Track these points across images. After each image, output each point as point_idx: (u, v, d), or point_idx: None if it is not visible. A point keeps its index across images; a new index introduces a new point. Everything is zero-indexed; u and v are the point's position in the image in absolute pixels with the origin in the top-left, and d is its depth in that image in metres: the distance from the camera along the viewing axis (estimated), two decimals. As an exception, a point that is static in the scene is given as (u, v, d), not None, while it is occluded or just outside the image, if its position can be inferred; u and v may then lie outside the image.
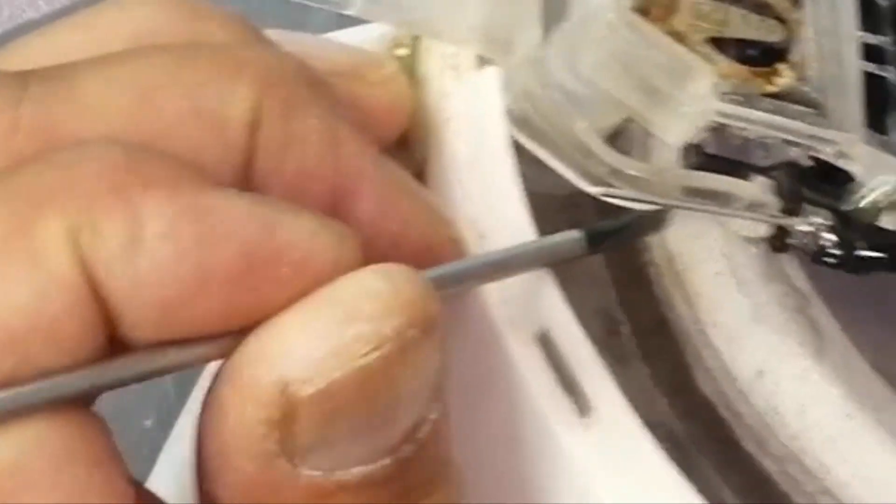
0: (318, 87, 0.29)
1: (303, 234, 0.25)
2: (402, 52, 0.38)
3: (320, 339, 0.24)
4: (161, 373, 0.25)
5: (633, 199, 0.33)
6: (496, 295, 0.32)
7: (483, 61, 0.36)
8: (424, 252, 0.30)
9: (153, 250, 0.24)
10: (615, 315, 0.37)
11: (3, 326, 0.23)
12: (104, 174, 0.24)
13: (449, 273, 0.28)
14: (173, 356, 0.25)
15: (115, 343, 0.25)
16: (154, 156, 0.25)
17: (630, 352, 0.36)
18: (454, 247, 0.31)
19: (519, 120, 0.34)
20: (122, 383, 0.25)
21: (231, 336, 0.25)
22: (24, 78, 0.26)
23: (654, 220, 0.32)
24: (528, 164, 0.34)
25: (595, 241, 0.31)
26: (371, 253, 0.27)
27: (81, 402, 0.25)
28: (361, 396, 0.25)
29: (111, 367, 0.25)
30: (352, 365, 0.24)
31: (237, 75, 0.27)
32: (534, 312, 0.32)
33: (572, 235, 0.30)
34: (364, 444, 0.26)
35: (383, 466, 0.26)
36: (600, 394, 0.31)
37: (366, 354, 0.24)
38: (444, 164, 0.34)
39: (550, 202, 0.36)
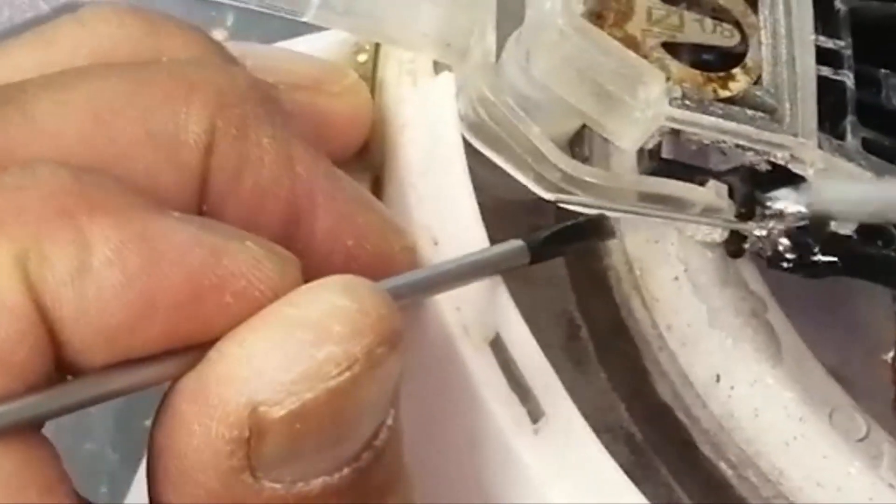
0: (271, 104, 0.29)
1: (247, 262, 0.25)
2: (363, 57, 0.38)
3: (291, 361, 0.25)
4: (109, 397, 0.25)
5: (588, 205, 0.33)
6: (449, 301, 0.32)
7: (440, 67, 0.36)
8: (378, 263, 0.30)
9: (100, 277, 0.24)
10: (575, 319, 0.37)
11: None
12: (52, 198, 0.24)
13: (399, 286, 0.28)
14: (121, 380, 0.25)
15: (62, 367, 0.25)
16: (102, 180, 0.25)
17: (589, 356, 0.36)
18: (407, 256, 0.31)
19: (474, 126, 0.34)
20: (71, 409, 0.25)
21: (177, 357, 0.25)
22: None
23: (597, 227, 0.32)
24: (491, 169, 0.34)
25: (536, 249, 0.31)
26: (327, 267, 0.28)
27: (30, 428, 0.25)
28: (330, 414, 0.25)
29: (60, 393, 0.25)
30: (323, 386, 0.25)
31: (190, 98, 0.27)
32: (486, 318, 0.32)
33: (515, 245, 0.30)
34: (327, 457, 0.26)
35: (342, 476, 0.26)
36: (551, 399, 0.31)
37: (337, 375, 0.25)
38: (400, 170, 0.34)
39: (515, 207, 0.36)
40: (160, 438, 0.26)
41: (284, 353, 0.25)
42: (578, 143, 0.38)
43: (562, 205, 0.33)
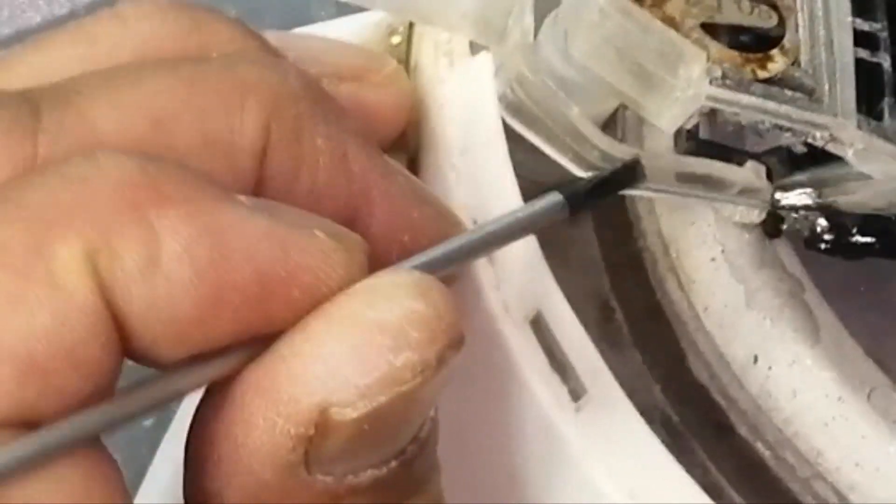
0: (324, 102, 0.28)
1: (316, 256, 0.25)
2: (397, 39, 0.38)
3: (370, 366, 0.24)
4: (177, 396, 0.25)
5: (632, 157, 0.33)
6: (489, 279, 0.32)
7: (477, 48, 0.36)
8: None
9: (170, 271, 0.24)
10: (609, 301, 0.37)
11: (26, 354, 0.23)
12: (119, 191, 0.24)
13: (442, 255, 0.28)
14: (188, 377, 0.25)
15: (131, 358, 0.25)
16: (168, 167, 0.25)
17: (624, 337, 0.37)
18: None
19: (512, 106, 0.34)
20: (140, 415, 0.25)
21: (241, 350, 0.25)
22: (34, 105, 0.26)
23: (630, 173, 0.32)
24: (522, 150, 0.34)
25: (574, 200, 0.30)
26: (384, 263, 0.27)
27: (96, 440, 0.24)
28: (396, 415, 0.25)
29: (131, 398, 0.24)
30: (397, 390, 0.25)
31: (245, 100, 0.27)
32: (527, 296, 0.32)
33: (553, 198, 0.30)
34: (381, 452, 0.26)
35: (390, 468, 0.26)
36: (593, 377, 0.31)
37: (411, 380, 0.25)
38: (438, 150, 0.34)
39: (542, 189, 0.36)
40: (213, 427, 0.26)
41: (363, 358, 0.24)
42: (611, 126, 0.38)
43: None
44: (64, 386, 0.23)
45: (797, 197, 0.33)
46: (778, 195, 0.33)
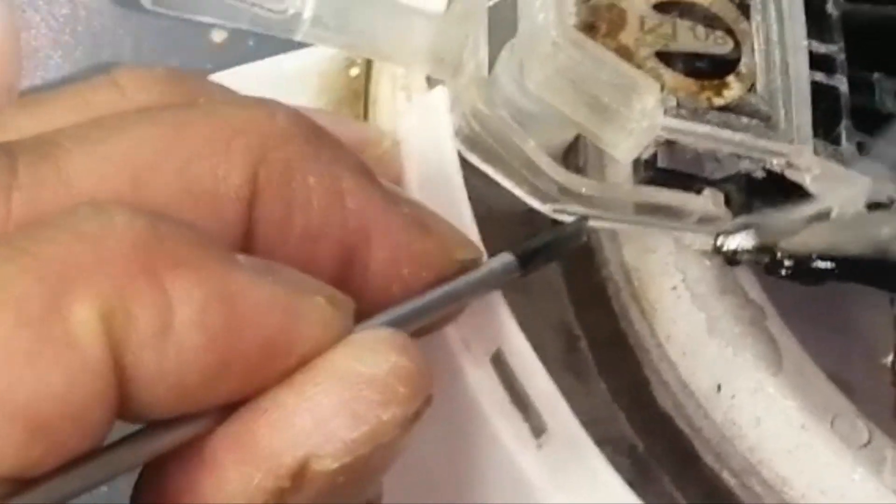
0: (316, 139, 0.28)
1: (318, 325, 0.25)
2: (355, 71, 0.38)
3: (359, 420, 0.25)
4: (156, 454, 0.25)
5: (585, 216, 0.33)
6: (449, 317, 0.32)
7: (434, 81, 0.36)
8: (436, 282, 0.29)
9: (181, 338, 0.24)
10: (573, 330, 0.37)
11: (36, 413, 0.23)
12: (133, 251, 0.24)
13: (400, 317, 0.28)
14: (162, 439, 0.25)
15: (120, 416, 0.24)
16: (177, 228, 0.25)
17: (589, 366, 0.36)
18: (468, 267, 0.30)
19: (468, 140, 0.34)
20: (126, 471, 0.25)
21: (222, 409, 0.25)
22: (11, 158, 0.25)
23: (576, 231, 0.32)
24: (483, 180, 0.34)
25: (526, 259, 0.30)
26: (384, 297, 0.28)
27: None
28: (371, 466, 0.25)
29: (119, 455, 0.24)
30: (380, 443, 0.25)
31: (230, 146, 0.26)
32: (487, 333, 0.32)
33: (505, 259, 0.30)
34: (347, 500, 0.26)
35: None
36: (554, 414, 0.31)
37: (394, 434, 0.25)
38: (397, 184, 0.34)
39: (509, 217, 0.36)
40: (174, 482, 0.25)
41: (353, 412, 0.24)
42: (573, 153, 0.38)
43: (557, 216, 0.33)
44: (67, 445, 0.23)
45: (739, 239, 0.33)
46: (720, 240, 0.33)
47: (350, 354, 0.25)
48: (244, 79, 0.40)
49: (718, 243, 0.33)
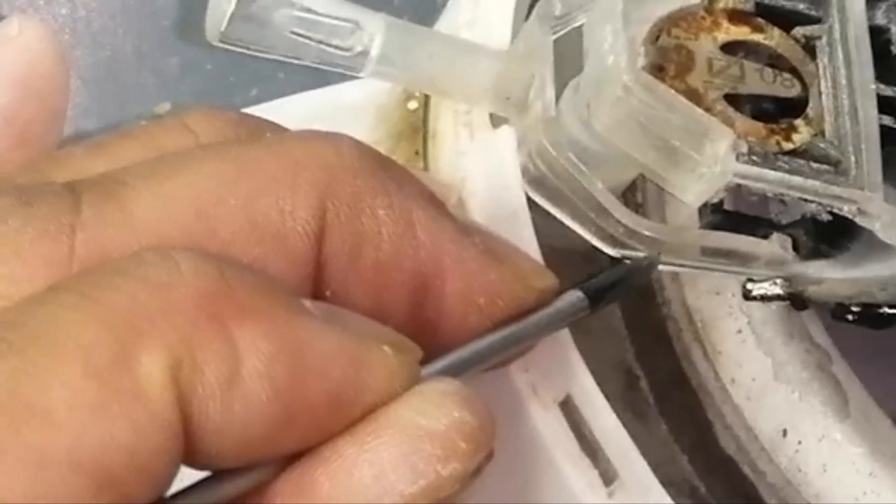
0: (383, 170, 0.27)
1: (382, 376, 0.25)
2: (413, 105, 0.38)
3: (418, 474, 0.24)
4: (220, 501, 0.25)
5: (648, 256, 0.33)
6: (518, 362, 0.31)
7: (496, 118, 0.35)
8: (513, 312, 0.29)
9: (248, 391, 0.23)
10: (634, 369, 0.37)
11: (104, 465, 0.22)
12: (201, 300, 0.23)
13: (466, 358, 0.28)
14: (227, 487, 0.25)
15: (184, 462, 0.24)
16: (244, 274, 0.24)
17: (650, 407, 0.36)
18: (547, 297, 0.30)
19: (535, 180, 0.33)
20: None
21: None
22: (75, 197, 0.25)
23: (644, 268, 0.32)
24: (547, 218, 0.34)
25: (595, 296, 0.30)
26: (460, 328, 0.28)
27: None
28: None
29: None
30: (438, 497, 0.25)
31: (296, 180, 0.26)
32: (555, 378, 0.31)
33: (574, 296, 0.30)
34: None
35: None
36: (624, 461, 0.31)
37: (452, 489, 0.25)
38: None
39: (572, 256, 0.36)
40: None
41: (412, 466, 0.24)
42: (631, 190, 0.38)
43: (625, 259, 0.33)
44: (132, 495, 0.23)
45: (767, 287, 0.33)
46: (749, 286, 0.33)
47: (413, 407, 0.25)
48: (301, 108, 0.40)
49: (748, 287, 0.33)
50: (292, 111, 0.40)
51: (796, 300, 0.33)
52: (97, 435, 0.22)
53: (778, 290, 0.33)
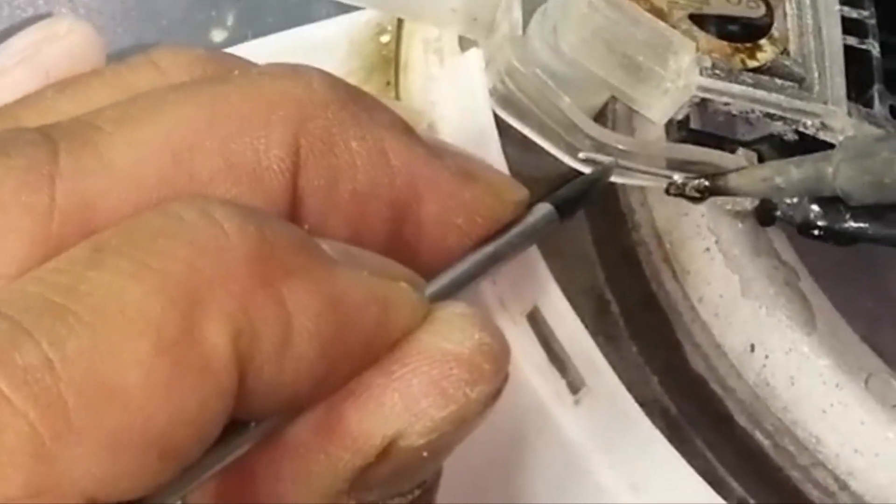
0: (354, 101, 0.28)
1: (407, 312, 0.25)
2: (385, 38, 0.38)
3: (449, 399, 0.25)
4: (251, 444, 0.25)
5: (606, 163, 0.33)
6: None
7: (466, 44, 0.36)
8: (491, 228, 0.29)
9: (299, 352, 0.24)
10: (604, 294, 0.37)
11: (171, 441, 0.22)
12: (251, 264, 0.24)
13: (451, 282, 0.28)
14: (257, 432, 0.25)
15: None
16: (279, 227, 0.25)
17: (620, 330, 0.37)
18: (520, 209, 0.30)
19: (503, 99, 0.34)
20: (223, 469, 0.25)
21: None
22: (51, 145, 0.25)
23: (603, 174, 0.32)
24: (511, 145, 0.35)
25: (564, 208, 0.30)
26: (441, 248, 0.28)
27: None
28: (451, 443, 0.25)
29: (221, 452, 0.24)
30: (465, 419, 0.25)
31: (269, 118, 0.26)
32: (523, 291, 0.32)
33: (545, 209, 0.30)
34: (417, 479, 0.26)
35: (414, 497, 0.26)
36: (591, 370, 0.31)
37: (478, 412, 0.25)
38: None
39: (538, 183, 0.36)
40: (258, 470, 0.25)
41: (442, 390, 0.25)
42: (602, 116, 0.38)
43: (588, 168, 0.33)
44: (188, 459, 0.23)
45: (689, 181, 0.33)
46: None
47: (437, 333, 0.25)
48: (275, 46, 0.40)
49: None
50: (267, 50, 0.41)
51: (717, 193, 0.33)
52: (167, 413, 0.22)
53: (698, 184, 0.33)
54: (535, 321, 0.32)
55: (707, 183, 0.33)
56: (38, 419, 0.21)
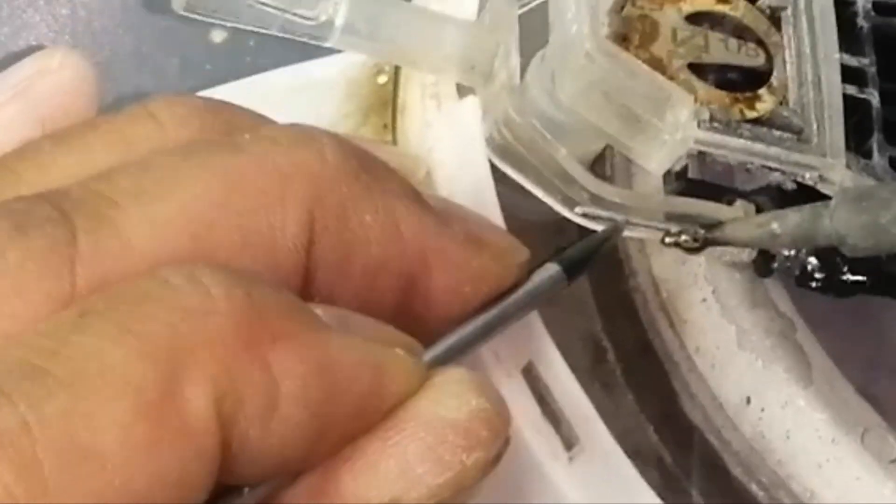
0: (366, 170, 0.27)
1: (402, 379, 0.25)
2: (383, 79, 0.38)
3: (444, 466, 0.25)
4: None
5: (615, 221, 0.33)
6: (480, 328, 0.32)
7: (464, 90, 0.35)
8: (496, 292, 0.29)
9: (287, 415, 0.24)
10: (601, 341, 0.37)
11: (153, 501, 0.22)
12: (237, 327, 0.24)
13: (456, 344, 0.28)
14: (253, 495, 0.25)
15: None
16: (268, 291, 0.25)
17: (616, 378, 0.36)
18: (522, 270, 0.30)
19: (499, 148, 0.34)
20: None
21: None
22: (69, 223, 0.25)
23: (611, 235, 0.32)
24: (511, 190, 0.34)
25: (572, 269, 0.30)
26: (446, 316, 0.28)
27: None
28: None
29: None
30: (463, 486, 0.25)
31: (284, 193, 0.26)
32: (519, 345, 0.31)
33: (552, 270, 0.30)
34: None
35: None
36: (585, 426, 0.31)
37: (475, 477, 0.25)
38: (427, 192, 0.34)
39: (534, 228, 0.36)
40: None
41: (438, 457, 0.25)
42: (600, 163, 0.38)
43: (585, 222, 0.33)
44: None
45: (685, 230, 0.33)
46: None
47: (432, 399, 0.25)
48: (273, 84, 0.40)
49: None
50: (265, 87, 0.40)
51: (714, 243, 0.33)
52: (148, 474, 0.22)
53: (694, 234, 0.33)
54: (531, 376, 0.31)
55: (703, 233, 0.32)
56: (13, 481, 0.21)
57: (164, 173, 0.26)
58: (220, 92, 0.39)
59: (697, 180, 0.34)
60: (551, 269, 0.30)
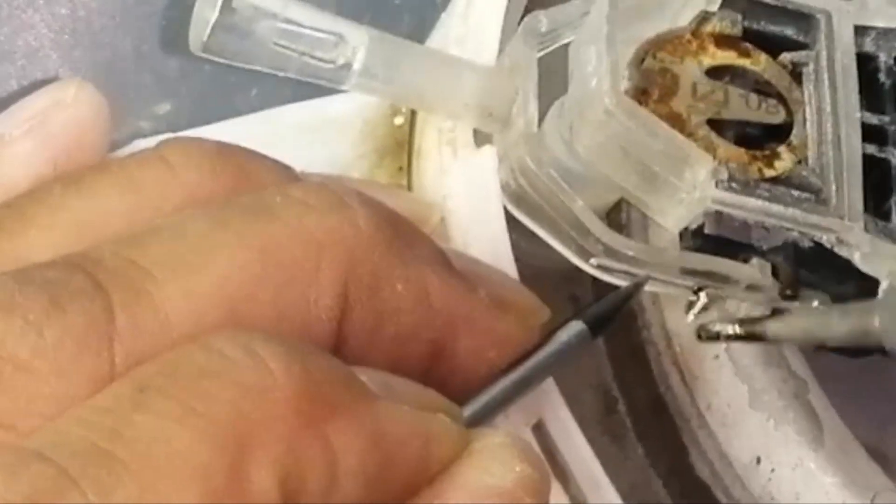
0: (398, 239, 0.28)
1: (447, 445, 0.26)
2: (399, 120, 0.38)
3: None
4: None
5: (630, 274, 0.33)
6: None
7: (480, 136, 0.35)
8: (518, 353, 0.29)
9: (345, 490, 0.24)
10: (612, 391, 0.37)
11: None
12: (297, 405, 0.24)
13: (487, 406, 0.28)
14: None
15: None
16: (323, 362, 0.25)
17: (627, 430, 0.36)
18: (542, 330, 0.30)
19: (515, 195, 0.33)
20: None
21: None
22: (105, 298, 0.25)
23: (634, 292, 0.32)
24: (525, 237, 0.34)
25: (596, 326, 0.30)
26: (472, 379, 0.28)
27: None
28: None
29: None
30: None
31: (319, 265, 0.26)
32: (529, 403, 0.31)
33: (578, 328, 0.30)
34: None
35: None
36: (594, 487, 0.31)
37: None
38: (441, 240, 0.34)
39: (552, 275, 0.36)
40: None
41: None
42: (616, 212, 0.38)
43: (600, 274, 0.33)
44: None
45: (723, 327, 0.33)
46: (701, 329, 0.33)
47: (477, 466, 0.26)
48: (288, 120, 0.39)
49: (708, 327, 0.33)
50: (281, 123, 0.40)
51: (753, 339, 0.32)
52: None
53: (732, 331, 0.33)
54: (540, 433, 0.31)
55: (740, 331, 0.32)
56: None
57: (199, 242, 0.26)
58: (235, 127, 0.39)
59: (714, 236, 0.34)
60: (576, 326, 0.30)
